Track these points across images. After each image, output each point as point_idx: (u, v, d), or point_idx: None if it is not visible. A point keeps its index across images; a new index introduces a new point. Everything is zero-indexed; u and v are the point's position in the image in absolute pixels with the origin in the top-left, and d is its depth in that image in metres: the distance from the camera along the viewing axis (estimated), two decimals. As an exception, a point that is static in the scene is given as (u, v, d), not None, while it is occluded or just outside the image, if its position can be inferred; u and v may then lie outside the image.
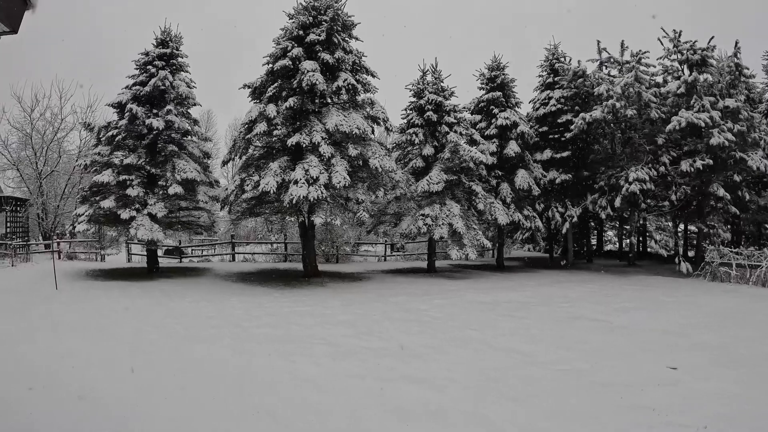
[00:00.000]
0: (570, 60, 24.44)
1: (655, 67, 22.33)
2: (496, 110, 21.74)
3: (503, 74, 22.39)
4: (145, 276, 18.52)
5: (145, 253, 20.46)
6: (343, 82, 16.37)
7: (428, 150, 19.35)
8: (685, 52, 20.91)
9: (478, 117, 22.62)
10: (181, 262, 25.07)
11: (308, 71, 15.78)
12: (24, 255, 24.18)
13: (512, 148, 20.74)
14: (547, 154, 23.13)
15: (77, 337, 8.93)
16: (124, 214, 16.57)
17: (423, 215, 18.12)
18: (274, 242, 26.72)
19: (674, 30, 21.40)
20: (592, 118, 20.69)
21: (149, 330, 9.59)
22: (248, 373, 6.82)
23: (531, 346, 8.38)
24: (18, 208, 30.64)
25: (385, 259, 26.07)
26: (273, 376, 6.64)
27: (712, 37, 20.96)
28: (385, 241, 25.65)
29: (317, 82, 15.64)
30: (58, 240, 27.84)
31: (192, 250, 28.08)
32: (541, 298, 13.95)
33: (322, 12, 16.91)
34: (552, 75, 24.40)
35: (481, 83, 22.96)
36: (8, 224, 29.71)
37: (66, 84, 57.56)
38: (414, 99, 20.53)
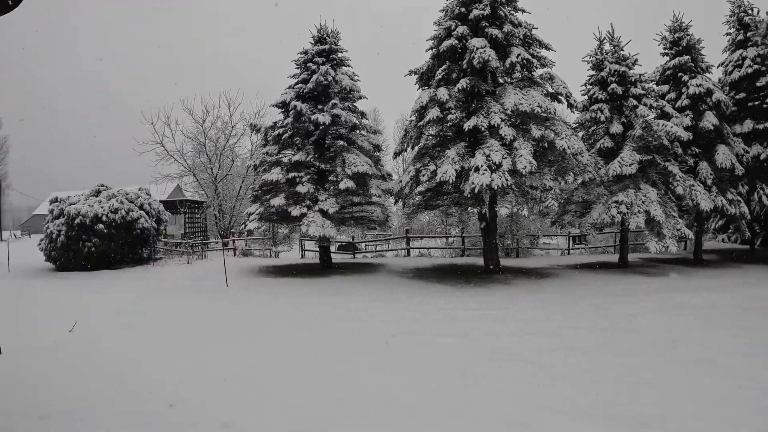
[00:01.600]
0: (758, 12, 20.87)
1: None
2: (685, 77, 18.96)
3: (687, 35, 19.52)
4: (317, 272, 18.26)
5: (318, 249, 20.36)
6: (517, 57, 14.89)
7: (616, 128, 17.18)
8: None
9: (665, 87, 19.84)
10: (354, 257, 24.73)
11: (477, 48, 14.53)
12: (200, 253, 25.42)
13: (709, 120, 17.97)
14: (748, 125, 19.92)
15: (239, 342, 8.47)
16: (295, 211, 16.35)
17: (616, 202, 15.99)
18: (450, 236, 25.84)
19: None
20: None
21: (318, 339, 8.71)
22: (442, 407, 5.46)
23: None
24: (195, 210, 33.01)
25: (568, 253, 23.94)
26: (475, 415, 5.23)
27: None
28: (569, 232, 23.52)
29: (489, 59, 14.35)
30: (233, 238, 29.01)
31: (365, 245, 28.00)
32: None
33: (483, -14, 15.57)
34: (741, 31, 21.01)
35: (664, 48, 20.08)
36: (187, 225, 32.08)
37: (233, 93, 61.94)
38: (593, 72, 18.36)
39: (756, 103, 19.96)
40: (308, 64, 18.40)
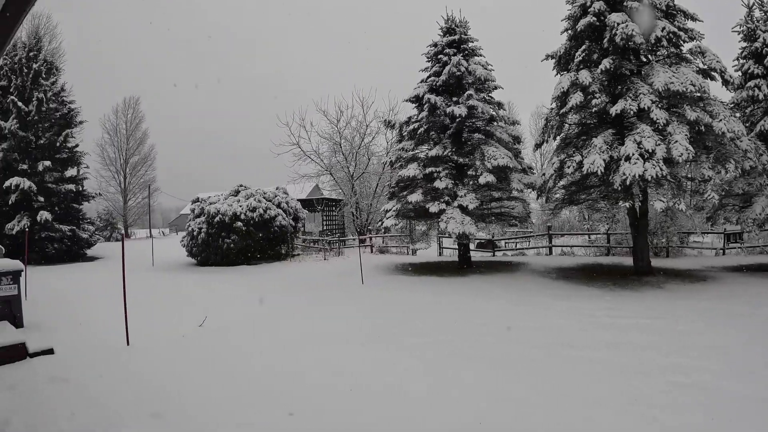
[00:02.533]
0: None
1: None
2: None
3: None
4: (455, 271, 17.72)
5: (456, 246, 19.82)
6: (662, 31, 13.39)
7: (777, 106, 15.23)
8: None
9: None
10: (494, 255, 23.88)
11: (618, 24, 13.24)
12: (337, 249, 25.76)
13: None
14: None
15: (367, 344, 7.98)
16: (433, 208, 15.88)
17: (786, 195, 14.08)
18: (594, 233, 24.33)
19: None
20: None
21: (456, 347, 7.95)
22: None
23: None
24: (333, 208, 33.82)
25: (723, 253, 21.53)
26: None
27: None
28: (724, 229, 21.15)
29: (633, 33, 13.00)
30: (369, 235, 29.22)
31: (505, 243, 27.16)
32: None
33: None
34: None
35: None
36: (324, 222, 32.94)
37: (365, 93, 63.12)
38: (745, 44, 16.36)
39: None
40: (439, 56, 17.95)
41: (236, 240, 21.16)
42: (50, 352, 7.14)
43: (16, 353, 6.76)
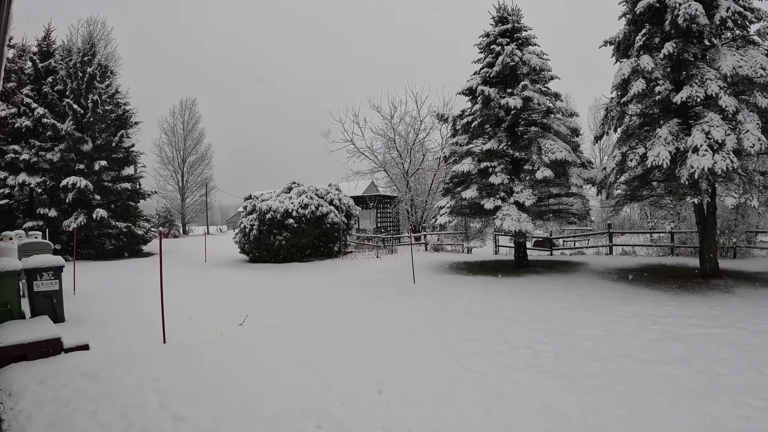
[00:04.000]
0: None
1: None
2: None
3: None
4: (511, 270, 17.09)
5: (512, 245, 19.14)
6: (726, 11, 12.32)
7: None
8: None
9: None
10: (551, 254, 23.14)
11: (681, 3, 12.24)
12: (390, 247, 25.44)
13: None
14: None
15: (408, 349, 7.42)
16: (488, 204, 15.34)
17: None
18: (656, 231, 23.19)
19: None
20: None
21: (509, 356, 7.40)
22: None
23: None
24: (387, 205, 33.63)
25: (795, 254, 20.09)
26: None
27: None
28: (795, 228, 19.60)
29: (697, 13, 11.97)
30: (424, 233, 28.86)
31: (563, 241, 26.31)
32: None
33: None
34: None
35: None
36: (378, 219, 32.76)
37: (419, 88, 62.86)
38: None
39: None
40: (492, 47, 17.36)
41: (288, 237, 21.09)
42: (85, 347, 7.16)
43: (52, 348, 6.78)
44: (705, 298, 11.73)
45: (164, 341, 8.06)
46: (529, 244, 22.42)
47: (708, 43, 13.52)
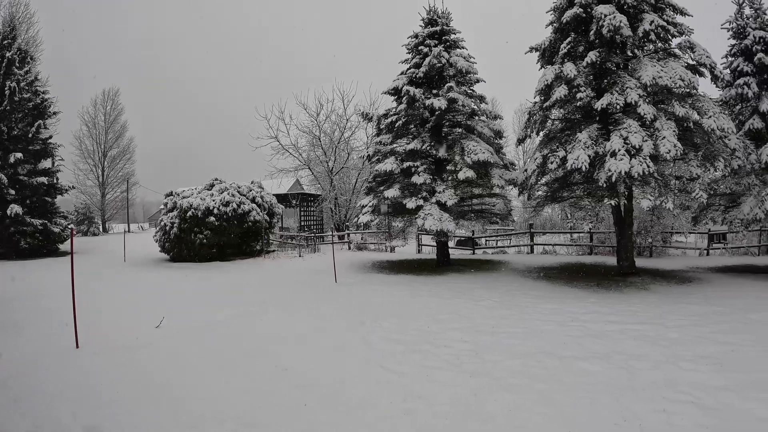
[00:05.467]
0: None
1: None
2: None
3: None
4: (434, 270, 17.19)
5: (435, 244, 19.23)
6: (650, 24, 12.90)
7: (766, 105, 14.81)
8: None
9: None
10: (473, 253, 23.43)
11: (606, 15, 12.72)
12: (313, 246, 25.11)
13: None
14: None
15: (324, 353, 7.30)
16: (410, 203, 15.38)
17: (775, 195, 13.67)
18: (576, 232, 23.91)
19: None
20: None
21: (431, 356, 7.34)
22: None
23: None
24: (311, 204, 33.21)
25: (707, 253, 21.26)
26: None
27: None
28: (708, 230, 20.73)
29: (621, 25, 12.50)
30: (348, 231, 28.80)
31: (486, 240, 26.68)
32: None
33: (605, -53, 13.82)
34: None
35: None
36: (302, 218, 32.31)
37: (346, 86, 62.38)
38: (735, 41, 15.99)
39: None
40: (420, 48, 17.43)
41: (209, 235, 20.45)
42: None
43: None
44: (623, 295, 12.19)
45: (77, 346, 7.63)
46: (451, 244, 22.67)
47: (631, 54, 14.08)
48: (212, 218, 20.42)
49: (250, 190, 22.57)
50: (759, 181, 14.72)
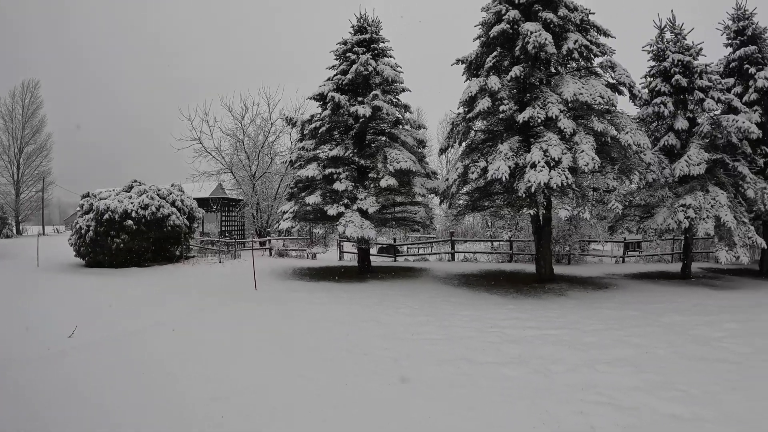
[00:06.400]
0: None
1: None
2: (752, 69, 17.21)
3: (752, 24, 17.81)
4: (355, 276, 17.16)
5: (356, 251, 19.14)
6: (574, 44, 13.47)
7: (681, 123, 15.60)
8: None
9: (729, 81, 18.00)
10: (395, 261, 23.55)
11: (532, 32, 13.15)
12: (234, 252, 24.57)
13: (780, 116, 16.30)
14: (820, 123, 18.02)
15: (239, 361, 7.10)
16: (332, 210, 15.28)
17: (683, 206, 14.39)
18: (497, 240, 24.43)
19: None
20: None
21: (350, 363, 7.27)
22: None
23: None
24: (232, 209, 32.46)
25: (623, 261, 22.37)
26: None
27: None
28: (624, 238, 21.75)
29: (546, 43, 12.93)
30: (269, 238, 28.37)
31: (407, 248, 26.83)
32: None
33: (534, -34, 14.35)
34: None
35: (728, 38, 18.41)
36: (224, 223, 31.53)
37: (272, 90, 61.45)
38: (654, 63, 16.80)
39: (829, 97, 18.07)
40: (348, 54, 17.40)
41: (126, 240, 19.64)
42: None
43: None
44: (541, 301, 12.54)
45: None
46: (373, 251, 22.72)
47: (554, 71, 14.62)
48: (130, 222, 19.64)
49: (170, 193, 21.86)
50: (672, 193, 15.46)
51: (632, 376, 6.48)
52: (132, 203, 20.08)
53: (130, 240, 19.71)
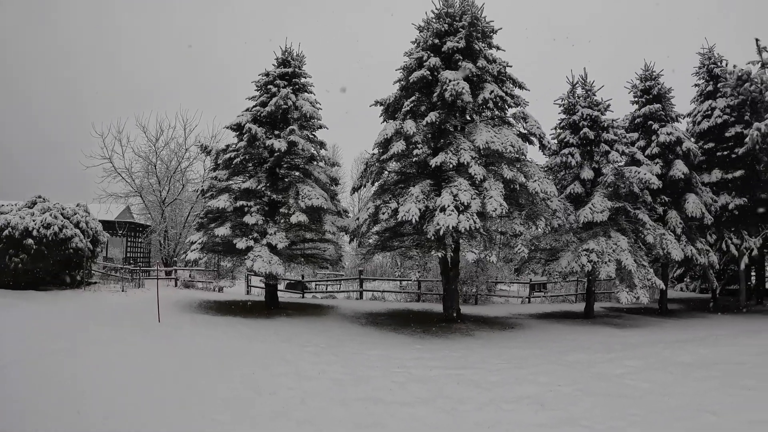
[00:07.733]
0: (726, 64, 21.00)
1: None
2: (655, 125, 18.73)
3: (658, 84, 19.43)
4: (262, 312, 16.86)
5: (264, 286, 18.84)
6: (490, 94, 14.07)
7: (587, 173, 16.55)
8: None
9: (634, 135, 19.45)
10: (303, 297, 23.37)
11: (450, 80, 13.63)
12: (138, 280, 23.62)
13: (679, 168, 17.62)
14: (716, 174, 19.73)
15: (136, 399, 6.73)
16: (240, 244, 15.03)
17: (586, 250, 15.18)
18: (405, 279, 24.68)
19: None
20: (768, 128, 16.88)
21: (255, 403, 7.06)
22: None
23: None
24: (139, 234, 31.11)
25: (528, 301, 23.16)
26: None
27: None
28: (530, 279, 22.60)
29: (463, 91, 13.40)
30: (176, 267, 27.50)
31: (316, 285, 26.66)
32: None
33: (458, 18, 14.96)
34: (711, 82, 21.12)
35: (635, 96, 19.94)
36: (129, 249, 30.15)
37: (190, 114, 59.88)
38: (565, 116, 17.90)
39: (724, 152, 19.86)
40: (269, 87, 17.34)
41: (25, 260, 18.39)
42: None
43: None
44: (448, 341, 12.75)
45: None
46: (281, 286, 22.45)
47: (469, 118, 15.19)
48: (31, 240, 18.44)
49: (75, 214, 20.75)
50: (576, 238, 16.28)
51: (538, 414, 6.65)
52: (34, 221, 18.90)
53: (30, 261, 18.47)
